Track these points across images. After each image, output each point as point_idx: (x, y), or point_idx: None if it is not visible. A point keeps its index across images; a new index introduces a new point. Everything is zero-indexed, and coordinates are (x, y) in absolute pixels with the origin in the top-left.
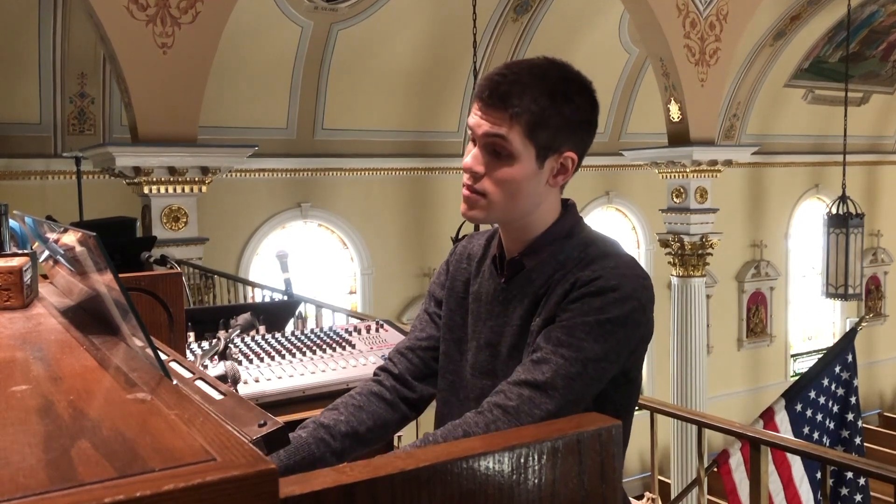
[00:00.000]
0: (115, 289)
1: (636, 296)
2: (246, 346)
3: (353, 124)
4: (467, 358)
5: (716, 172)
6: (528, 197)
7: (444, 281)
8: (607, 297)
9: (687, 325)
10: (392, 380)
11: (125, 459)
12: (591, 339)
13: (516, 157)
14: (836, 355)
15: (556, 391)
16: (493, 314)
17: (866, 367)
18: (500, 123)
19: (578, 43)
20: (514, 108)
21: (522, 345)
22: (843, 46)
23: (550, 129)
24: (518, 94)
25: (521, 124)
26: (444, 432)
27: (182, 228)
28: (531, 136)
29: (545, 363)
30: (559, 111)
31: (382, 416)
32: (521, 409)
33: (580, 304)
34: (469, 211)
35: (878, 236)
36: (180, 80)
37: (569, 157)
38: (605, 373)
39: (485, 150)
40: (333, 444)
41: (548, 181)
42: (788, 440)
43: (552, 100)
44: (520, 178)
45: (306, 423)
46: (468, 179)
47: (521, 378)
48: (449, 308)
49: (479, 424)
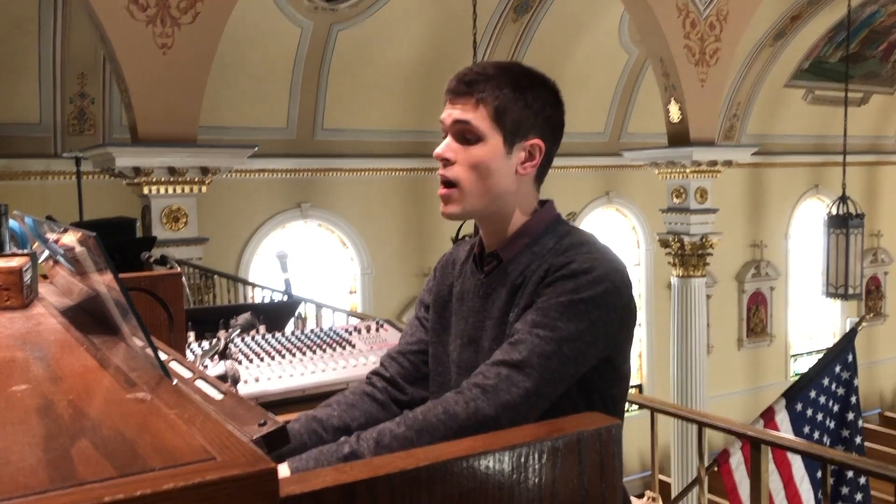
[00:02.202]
0: (115, 289)
1: (609, 277)
2: (246, 346)
3: (353, 124)
4: (453, 357)
5: (716, 173)
6: (499, 181)
7: (431, 286)
8: (580, 280)
9: (687, 325)
10: (384, 382)
11: (125, 459)
12: (565, 319)
13: (484, 140)
14: (837, 355)
15: (533, 369)
16: (475, 310)
17: (866, 367)
18: (467, 109)
19: (578, 43)
20: (480, 94)
21: (502, 337)
22: (844, 46)
23: (514, 112)
24: (483, 81)
25: (486, 108)
26: (423, 409)
27: (182, 228)
28: (497, 120)
29: (521, 343)
30: (522, 97)
31: (374, 415)
32: (499, 388)
33: (554, 287)
34: (446, 207)
35: (878, 236)
36: (180, 80)
37: (536, 145)
38: (581, 354)
39: (455, 137)
40: (325, 437)
41: (517, 170)
42: (789, 439)
43: (515, 88)
44: (488, 159)
45: (299, 416)
46: (441, 169)
47: (498, 359)
48: (436, 312)
49: (459, 403)
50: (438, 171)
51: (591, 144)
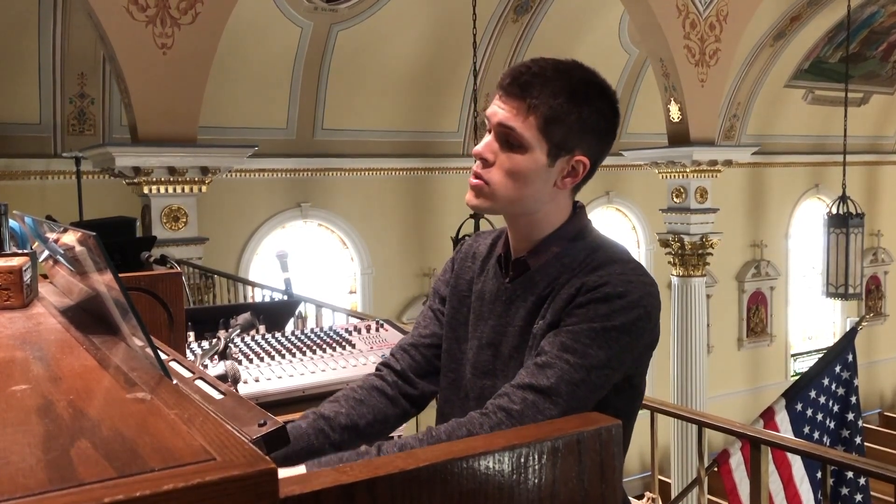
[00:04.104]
0: (115, 289)
1: (643, 303)
2: (246, 345)
3: (352, 124)
4: (468, 357)
5: (716, 172)
6: (534, 193)
7: (448, 278)
8: (614, 304)
9: (687, 324)
10: (394, 375)
11: (125, 459)
12: (595, 346)
13: (528, 149)
14: (837, 355)
15: (560, 397)
16: (496, 314)
17: (866, 367)
18: (516, 113)
19: (578, 43)
20: (533, 99)
21: (524, 346)
22: (844, 47)
23: (565, 126)
24: (539, 85)
25: (536, 116)
26: (447, 429)
27: (182, 228)
28: (545, 130)
29: (550, 368)
30: (577, 110)
31: (383, 410)
32: (525, 414)
33: (586, 310)
34: (474, 199)
35: (878, 236)
36: (180, 80)
37: (580, 162)
38: (608, 380)
39: (498, 138)
40: (333, 436)
41: (556, 183)
42: (789, 440)
43: (571, 97)
44: (528, 170)
45: (306, 413)
46: (477, 167)
47: (525, 382)
48: (452, 306)
49: (484, 426)
50: (474, 169)
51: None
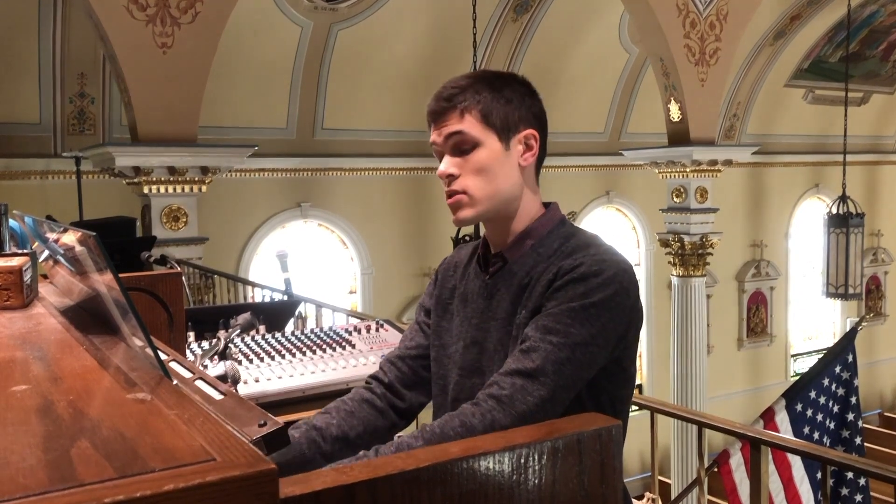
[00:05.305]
0: (115, 289)
1: (618, 279)
2: (246, 346)
3: (352, 124)
4: (455, 360)
5: (716, 172)
6: (506, 180)
7: (432, 291)
8: (590, 283)
9: (687, 324)
10: (382, 388)
11: (125, 459)
12: (577, 324)
13: (481, 143)
14: (837, 355)
15: (547, 377)
16: (479, 311)
17: (866, 367)
18: (455, 120)
19: (578, 43)
20: (462, 103)
21: (507, 339)
22: (843, 46)
23: (500, 110)
24: (460, 92)
25: (472, 114)
26: (440, 422)
27: (182, 228)
28: (486, 121)
29: (534, 351)
30: (501, 94)
31: (373, 422)
32: (514, 398)
33: (564, 292)
34: (458, 213)
35: (879, 236)
36: (180, 80)
37: (530, 135)
38: (593, 357)
39: (452, 152)
40: (324, 447)
41: (519, 163)
42: (789, 440)
43: (492, 88)
44: (492, 160)
45: (299, 423)
46: (446, 185)
47: (512, 368)
48: (437, 315)
49: (475, 414)
50: (445, 189)
51: (592, 144)
